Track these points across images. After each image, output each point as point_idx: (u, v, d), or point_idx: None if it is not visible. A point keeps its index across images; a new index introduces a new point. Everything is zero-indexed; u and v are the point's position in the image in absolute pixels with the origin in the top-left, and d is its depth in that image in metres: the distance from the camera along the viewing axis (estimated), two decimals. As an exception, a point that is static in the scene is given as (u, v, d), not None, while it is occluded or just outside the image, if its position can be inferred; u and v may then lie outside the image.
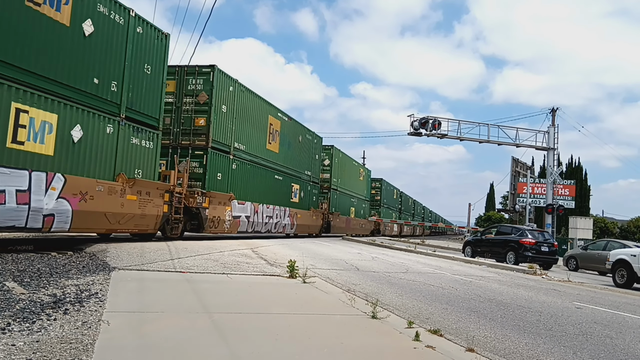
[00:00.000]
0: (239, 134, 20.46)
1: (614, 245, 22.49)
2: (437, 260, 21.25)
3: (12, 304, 5.83)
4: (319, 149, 31.79)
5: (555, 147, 35.39)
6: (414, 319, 7.02)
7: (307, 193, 29.50)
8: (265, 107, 23.12)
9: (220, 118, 18.87)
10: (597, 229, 47.92)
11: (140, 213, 14.13)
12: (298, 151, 27.58)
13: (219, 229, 19.15)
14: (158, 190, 15.15)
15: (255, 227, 22.33)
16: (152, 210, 14.67)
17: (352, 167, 41.54)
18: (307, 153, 29.39)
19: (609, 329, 8.24)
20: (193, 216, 17.81)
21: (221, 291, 8.33)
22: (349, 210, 40.09)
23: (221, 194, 19.04)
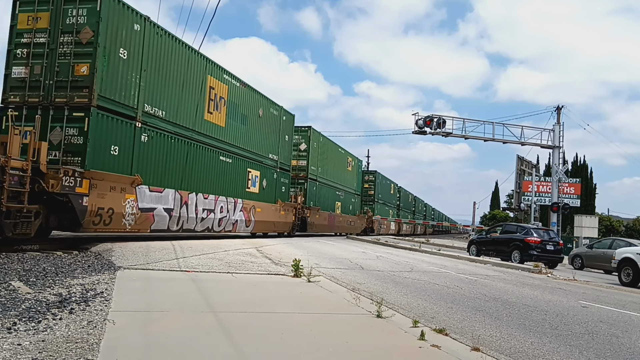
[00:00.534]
0: (155, 94, 14.82)
1: (620, 243, 22.40)
2: (441, 259, 21.21)
3: (17, 303, 5.85)
4: (289, 128, 26.14)
5: (561, 145, 35.24)
6: (419, 318, 7.00)
7: (272, 182, 23.83)
8: (202, 63, 17.28)
9: (116, 66, 13.27)
10: (603, 227, 47.78)
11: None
12: (258, 128, 21.70)
13: (111, 226, 13.40)
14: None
15: (185, 223, 16.61)
16: None
17: (337, 155, 35.98)
18: (273, 132, 23.55)
19: (615, 328, 8.20)
20: (61, 207, 12.12)
21: (226, 290, 8.33)
22: (334, 205, 35.13)
23: (116, 176, 13.29)
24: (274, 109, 24.03)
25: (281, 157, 24.79)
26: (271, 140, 23.56)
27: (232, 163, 19.70)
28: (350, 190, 39.46)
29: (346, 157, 38.68)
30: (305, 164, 29.50)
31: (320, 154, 31.59)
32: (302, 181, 29.31)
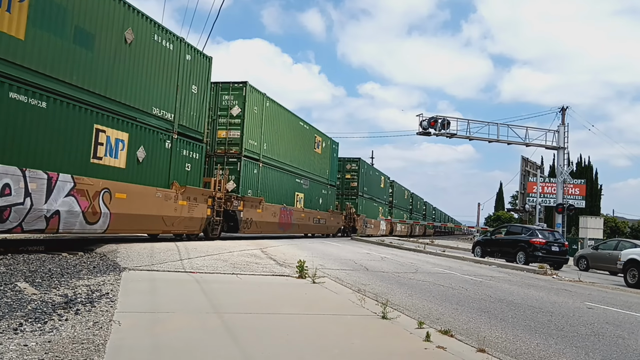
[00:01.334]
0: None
1: (625, 245, 22.30)
2: (446, 260, 21.18)
3: (24, 304, 5.87)
4: (201, 74, 17.22)
5: (565, 146, 35.13)
6: (424, 319, 6.99)
7: (159, 153, 15.16)
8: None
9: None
10: (608, 228, 47.55)
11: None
12: (123, 60, 13.48)
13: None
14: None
15: None
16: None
17: (296, 130, 27.63)
18: (162, 74, 15.19)
19: (621, 330, 8.17)
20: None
21: (231, 291, 8.34)
22: (292, 196, 27.08)
23: None
24: (165, 36, 15.08)
25: (184, 117, 16.13)
26: (160, 87, 15.00)
27: (48, 110, 11.16)
28: (320, 179, 31.48)
29: (312, 135, 30.07)
30: (239, 136, 20.96)
31: (266, 125, 23.13)
32: (234, 160, 20.97)
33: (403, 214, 60.90)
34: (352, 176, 40.15)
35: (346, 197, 39.42)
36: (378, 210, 47.61)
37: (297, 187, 28.02)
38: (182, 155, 16.30)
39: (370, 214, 44.09)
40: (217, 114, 21.21)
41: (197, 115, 17.08)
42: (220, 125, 21.32)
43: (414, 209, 68.99)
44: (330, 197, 34.23)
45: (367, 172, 43.28)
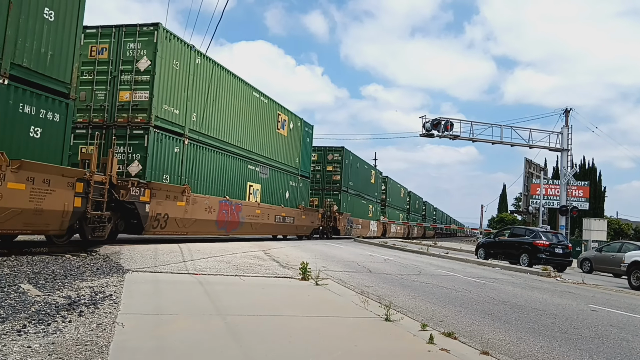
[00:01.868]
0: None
1: (629, 247, 22.23)
2: (449, 262, 21.15)
3: (27, 306, 5.88)
4: None
5: (569, 148, 35.04)
6: (427, 321, 6.98)
7: None
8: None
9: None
10: (612, 230, 47.42)
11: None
12: None
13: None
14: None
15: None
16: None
17: (249, 102, 21.30)
18: None
19: (625, 332, 8.14)
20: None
21: (234, 293, 8.34)
22: (242, 187, 20.76)
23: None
24: None
25: (22, 52, 10.25)
26: None
27: None
28: (286, 167, 25.15)
29: (274, 112, 23.69)
30: (147, 99, 14.90)
31: (196, 88, 17.24)
32: (140, 132, 14.83)
33: (399, 213, 55.95)
34: (334, 168, 34.05)
35: (328, 192, 33.68)
36: (367, 208, 42.00)
37: (250, 175, 21.38)
38: (22, 113, 10.29)
39: (357, 212, 38.17)
40: (118, 69, 15.11)
41: (54, 53, 11.08)
42: (124, 84, 15.07)
43: (411, 208, 63.41)
44: (302, 191, 27.68)
45: (353, 164, 36.77)
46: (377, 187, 46.29)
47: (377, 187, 46.31)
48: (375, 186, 45.41)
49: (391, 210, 51.73)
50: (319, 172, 33.77)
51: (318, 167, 33.67)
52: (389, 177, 51.51)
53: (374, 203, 44.81)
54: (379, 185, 46.97)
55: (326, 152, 34.37)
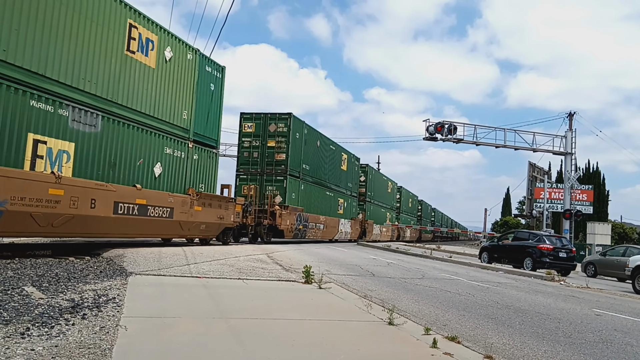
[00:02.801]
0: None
1: (633, 251, 22.16)
2: (453, 266, 21.11)
3: (31, 308, 5.89)
4: None
5: (573, 152, 34.99)
6: (431, 325, 6.96)
7: None
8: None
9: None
10: (616, 234, 47.32)
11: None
12: None
13: None
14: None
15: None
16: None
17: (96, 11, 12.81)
18: None
19: (629, 337, 8.11)
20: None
21: (237, 296, 8.34)
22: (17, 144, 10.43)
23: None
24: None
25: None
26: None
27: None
28: (158, 123, 15.06)
29: (122, 19, 13.39)
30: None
31: None
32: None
33: (385, 212, 47.72)
34: (278, 144, 25.02)
35: (269, 177, 25.13)
36: (335, 203, 33.02)
37: (36, 117, 11.01)
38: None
39: (317, 207, 29.54)
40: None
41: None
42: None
43: (403, 208, 56.30)
44: (200, 168, 17.41)
45: (310, 141, 27.93)
46: (352, 177, 36.61)
47: (352, 176, 36.56)
48: (349, 175, 35.80)
49: (374, 207, 43.00)
50: (256, 150, 25.24)
51: (256, 142, 25.24)
52: (369, 165, 42.18)
53: (347, 197, 35.36)
54: (354, 175, 37.24)
55: (267, 120, 25.13)
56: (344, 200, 34.65)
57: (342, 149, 34.56)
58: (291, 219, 25.24)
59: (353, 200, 37.45)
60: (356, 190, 38.31)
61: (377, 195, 43.98)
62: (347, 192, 35.53)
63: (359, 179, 39.35)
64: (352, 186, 37.05)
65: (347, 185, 35.69)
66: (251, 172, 25.30)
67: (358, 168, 38.98)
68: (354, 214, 37.69)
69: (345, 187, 35.01)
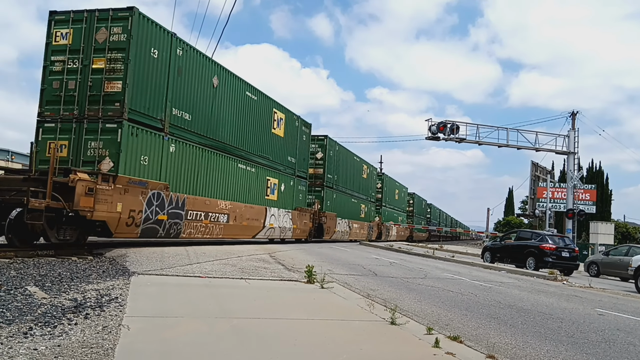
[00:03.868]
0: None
1: (637, 250, 22.11)
2: (455, 265, 21.09)
3: (34, 308, 5.90)
4: None
5: (576, 151, 34.94)
6: (433, 325, 6.96)
7: None
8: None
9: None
10: (619, 234, 47.17)
11: None
12: None
13: None
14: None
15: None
16: None
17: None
18: None
19: (632, 336, 8.09)
20: None
21: (240, 296, 8.34)
22: None
23: None
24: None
25: None
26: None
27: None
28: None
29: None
30: None
31: None
32: None
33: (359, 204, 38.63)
34: (111, 65, 13.40)
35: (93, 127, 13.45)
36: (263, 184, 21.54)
37: None
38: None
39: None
40: None
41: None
42: None
43: (387, 200, 47.65)
44: None
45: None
46: (295, 150, 25.41)
47: (296, 148, 25.44)
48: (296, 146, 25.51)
49: (340, 197, 33.13)
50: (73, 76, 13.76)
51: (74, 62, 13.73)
52: (329, 136, 30.69)
53: (288, 177, 24.53)
54: (301, 149, 26.18)
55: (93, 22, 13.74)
56: (277, 179, 23.15)
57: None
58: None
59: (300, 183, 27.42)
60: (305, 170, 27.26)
61: (349, 184, 35.38)
62: (287, 173, 24.47)
63: (315, 157, 30.62)
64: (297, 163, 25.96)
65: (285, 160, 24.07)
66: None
67: (315, 143, 30.08)
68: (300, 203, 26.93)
69: (283, 164, 23.93)
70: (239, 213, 19.09)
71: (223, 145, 18.22)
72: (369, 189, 41.17)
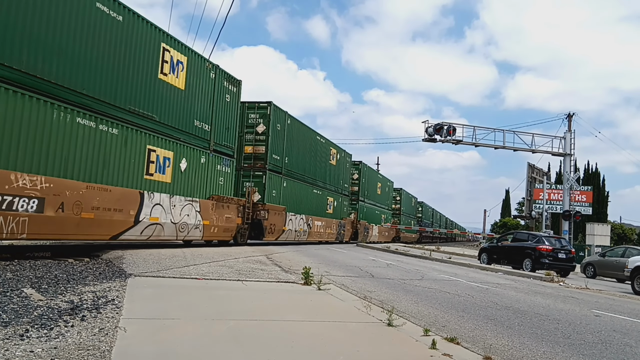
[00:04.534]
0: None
1: (633, 252, 22.18)
2: (452, 267, 21.10)
3: (30, 310, 5.89)
4: None
5: (572, 153, 35.05)
6: (430, 326, 6.96)
7: None
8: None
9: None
10: (615, 235, 47.34)
11: None
12: None
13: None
14: None
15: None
16: None
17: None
18: None
19: (628, 337, 8.11)
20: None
21: (236, 298, 8.33)
22: None
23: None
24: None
25: None
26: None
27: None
28: None
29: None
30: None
31: None
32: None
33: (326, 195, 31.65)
34: None
35: None
36: None
37: None
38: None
39: None
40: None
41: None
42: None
43: (367, 193, 42.17)
44: None
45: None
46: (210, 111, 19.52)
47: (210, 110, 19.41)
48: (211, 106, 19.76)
49: (294, 186, 26.64)
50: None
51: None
52: (274, 103, 23.44)
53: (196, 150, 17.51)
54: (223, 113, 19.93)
55: None
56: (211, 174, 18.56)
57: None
58: None
59: None
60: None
61: (306, 172, 28.31)
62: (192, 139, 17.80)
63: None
64: None
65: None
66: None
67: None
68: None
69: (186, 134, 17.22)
70: (72, 198, 11.73)
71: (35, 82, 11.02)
72: (339, 179, 33.93)
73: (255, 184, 22.69)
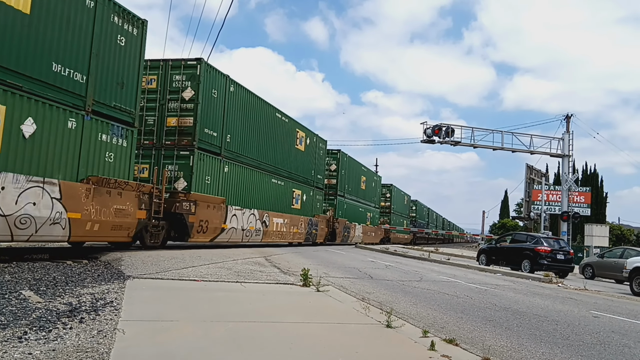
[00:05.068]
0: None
1: (631, 253, 22.19)
2: (451, 268, 21.11)
3: (28, 312, 5.88)
4: None
5: (570, 154, 35.08)
6: (428, 328, 6.96)
7: None
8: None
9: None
10: (613, 236, 47.32)
11: None
12: None
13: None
14: None
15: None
16: None
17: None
18: None
19: (627, 338, 8.12)
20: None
21: (235, 300, 8.33)
22: None
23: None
24: None
25: None
26: None
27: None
28: None
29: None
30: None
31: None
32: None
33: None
34: None
35: None
36: None
37: None
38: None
39: None
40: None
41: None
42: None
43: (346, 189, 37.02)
44: None
45: None
46: None
47: None
48: None
49: (241, 172, 21.19)
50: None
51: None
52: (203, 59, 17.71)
53: None
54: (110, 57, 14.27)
55: None
56: None
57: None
58: None
59: None
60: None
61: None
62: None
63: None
64: None
65: None
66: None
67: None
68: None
69: None
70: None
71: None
72: (309, 169, 28.86)
73: (180, 167, 17.16)
